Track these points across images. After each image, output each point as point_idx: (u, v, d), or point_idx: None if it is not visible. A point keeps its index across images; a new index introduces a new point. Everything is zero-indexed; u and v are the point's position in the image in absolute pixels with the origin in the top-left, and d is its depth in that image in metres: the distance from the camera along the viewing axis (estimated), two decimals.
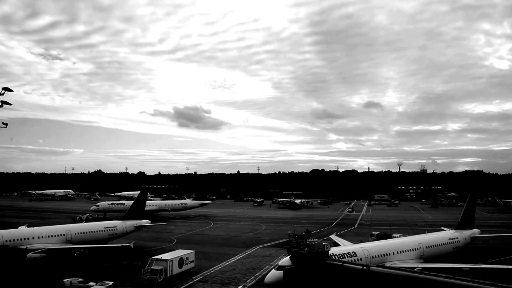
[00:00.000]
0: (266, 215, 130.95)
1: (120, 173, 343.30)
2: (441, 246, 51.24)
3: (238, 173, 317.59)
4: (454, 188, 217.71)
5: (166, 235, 79.89)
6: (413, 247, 47.23)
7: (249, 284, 43.32)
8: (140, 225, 70.51)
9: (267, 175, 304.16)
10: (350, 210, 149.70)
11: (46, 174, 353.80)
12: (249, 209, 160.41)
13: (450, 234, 56.21)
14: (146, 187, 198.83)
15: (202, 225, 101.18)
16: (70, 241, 56.97)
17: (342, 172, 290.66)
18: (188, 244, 70.61)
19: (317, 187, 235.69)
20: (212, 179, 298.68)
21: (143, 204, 73.99)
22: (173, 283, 42.67)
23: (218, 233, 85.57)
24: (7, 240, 50.86)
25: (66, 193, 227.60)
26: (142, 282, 42.11)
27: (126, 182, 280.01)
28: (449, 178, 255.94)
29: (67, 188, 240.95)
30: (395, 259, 43.71)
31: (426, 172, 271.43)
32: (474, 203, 62.94)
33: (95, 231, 62.68)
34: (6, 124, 47.56)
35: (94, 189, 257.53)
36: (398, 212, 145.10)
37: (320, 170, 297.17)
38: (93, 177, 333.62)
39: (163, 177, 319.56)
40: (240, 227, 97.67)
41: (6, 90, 43.80)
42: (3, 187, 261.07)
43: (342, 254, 38.79)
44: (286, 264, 34.75)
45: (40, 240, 53.68)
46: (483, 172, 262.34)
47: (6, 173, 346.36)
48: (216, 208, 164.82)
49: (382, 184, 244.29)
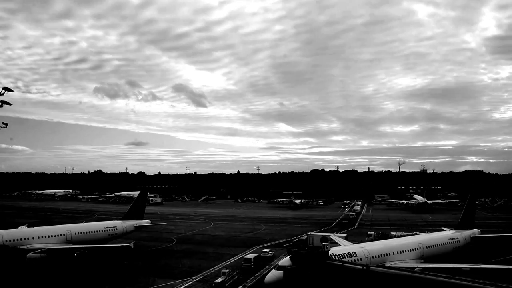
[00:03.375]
0: (266, 215, 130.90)
1: (120, 173, 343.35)
2: (441, 246, 51.28)
3: (238, 173, 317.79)
4: (454, 188, 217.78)
5: (166, 235, 79.91)
6: (413, 247, 47.26)
7: (249, 284, 43.38)
8: (140, 225, 70.53)
9: (267, 175, 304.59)
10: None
11: (46, 174, 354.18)
12: (249, 209, 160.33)
13: (450, 234, 56.24)
14: (146, 187, 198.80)
15: (202, 225, 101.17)
16: (70, 241, 56.97)
17: (342, 172, 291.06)
18: (188, 244, 70.76)
19: (317, 187, 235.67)
20: (212, 179, 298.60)
21: (143, 204, 74.02)
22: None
23: (218, 233, 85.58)
24: (7, 240, 50.88)
25: (66, 193, 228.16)
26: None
27: (126, 182, 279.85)
28: (449, 178, 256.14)
29: (67, 188, 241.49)
30: (395, 259, 43.74)
31: (426, 172, 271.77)
32: (474, 203, 62.99)
33: (95, 231, 62.71)
34: (6, 124, 47.60)
35: (94, 189, 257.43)
36: (398, 212, 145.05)
37: (320, 170, 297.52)
38: (93, 177, 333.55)
39: (163, 177, 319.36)
40: (240, 227, 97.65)
41: (6, 90, 43.81)
42: (3, 187, 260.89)
43: (342, 254, 38.81)
44: (286, 264, 34.77)
45: (40, 240, 53.68)
46: (483, 172, 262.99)
47: (6, 173, 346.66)
48: (216, 208, 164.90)
49: (382, 184, 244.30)
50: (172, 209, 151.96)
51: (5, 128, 47.32)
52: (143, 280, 44.29)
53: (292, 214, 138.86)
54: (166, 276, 46.37)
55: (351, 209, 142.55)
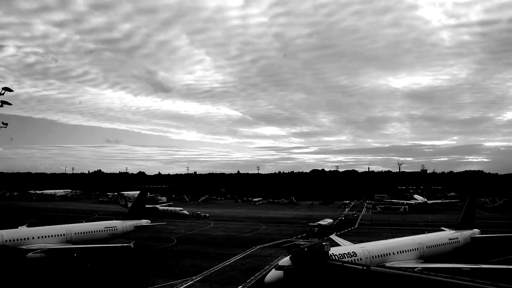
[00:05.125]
0: (266, 215, 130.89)
1: (120, 173, 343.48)
2: (441, 246, 51.25)
3: (238, 173, 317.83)
4: (454, 188, 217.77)
5: (166, 235, 79.93)
6: (413, 247, 47.24)
7: (249, 284, 43.30)
8: (140, 225, 70.47)
9: (267, 175, 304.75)
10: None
11: (46, 174, 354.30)
12: (249, 209, 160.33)
13: (450, 234, 56.19)
14: (146, 187, 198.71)
15: (202, 225, 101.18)
16: (70, 241, 56.97)
17: (342, 172, 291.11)
18: (188, 244, 70.75)
19: (317, 187, 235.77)
20: (212, 179, 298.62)
21: (143, 204, 74.02)
22: None
23: (218, 233, 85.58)
24: (7, 240, 50.84)
25: (66, 193, 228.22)
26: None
27: (126, 182, 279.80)
28: (449, 178, 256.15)
29: (67, 188, 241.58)
30: (395, 259, 43.74)
31: (426, 172, 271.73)
32: (474, 203, 62.95)
33: (95, 231, 62.67)
34: (6, 124, 47.64)
35: (94, 189, 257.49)
36: (398, 214, 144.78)
37: (320, 170, 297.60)
38: (93, 177, 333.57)
39: (163, 177, 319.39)
40: (240, 227, 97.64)
41: (6, 90, 43.85)
42: (3, 187, 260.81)
43: (342, 254, 38.79)
44: (286, 264, 34.74)
45: (40, 240, 53.66)
46: (483, 172, 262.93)
47: (7, 173, 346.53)
48: (216, 208, 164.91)
49: (382, 184, 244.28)
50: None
51: (5, 128, 47.36)
52: (143, 280, 44.21)
53: (292, 214, 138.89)
54: (166, 276, 46.33)
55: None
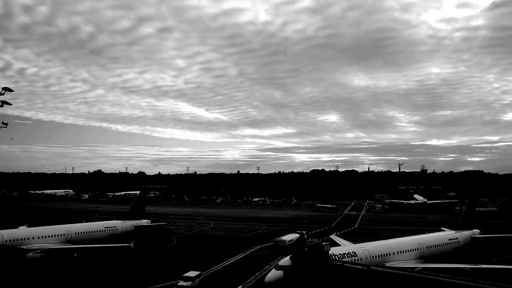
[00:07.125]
0: (266, 215, 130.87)
1: (120, 173, 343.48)
2: (441, 246, 51.30)
3: (238, 173, 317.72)
4: (454, 188, 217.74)
5: (166, 235, 79.86)
6: (413, 247, 47.28)
7: (249, 284, 43.31)
8: (140, 225, 70.54)
9: (267, 175, 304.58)
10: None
11: (46, 174, 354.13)
12: (249, 209, 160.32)
13: (450, 234, 56.23)
14: (146, 187, 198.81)
15: (202, 225, 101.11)
16: (70, 241, 57.02)
17: (342, 172, 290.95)
18: (188, 244, 70.72)
19: (317, 187, 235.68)
20: (212, 179, 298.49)
21: (143, 204, 74.03)
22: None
23: (218, 233, 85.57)
24: (7, 240, 50.92)
25: (66, 193, 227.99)
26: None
27: (126, 182, 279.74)
28: (449, 178, 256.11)
29: (67, 188, 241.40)
30: (395, 259, 43.77)
31: (426, 172, 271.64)
32: (474, 203, 62.97)
33: (95, 231, 62.74)
34: (6, 124, 47.65)
35: (94, 189, 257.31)
36: (397, 212, 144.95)
37: (320, 170, 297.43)
38: (93, 177, 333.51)
39: (163, 177, 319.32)
40: (240, 227, 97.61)
41: (6, 90, 43.86)
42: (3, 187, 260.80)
43: (342, 254, 38.80)
44: (286, 264, 34.76)
45: (40, 240, 53.70)
46: (483, 172, 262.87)
47: (7, 173, 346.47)
48: (216, 208, 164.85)
49: (382, 184, 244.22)
50: (172, 209, 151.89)
51: (5, 128, 47.36)
52: (143, 280, 44.18)
53: (292, 214, 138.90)
54: (166, 276, 46.32)
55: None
